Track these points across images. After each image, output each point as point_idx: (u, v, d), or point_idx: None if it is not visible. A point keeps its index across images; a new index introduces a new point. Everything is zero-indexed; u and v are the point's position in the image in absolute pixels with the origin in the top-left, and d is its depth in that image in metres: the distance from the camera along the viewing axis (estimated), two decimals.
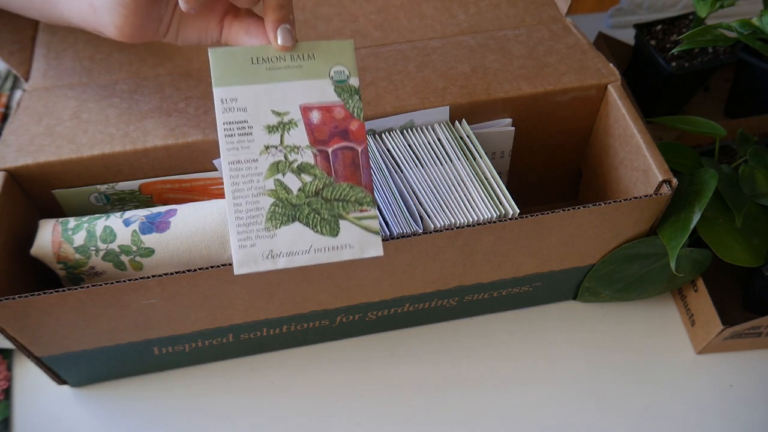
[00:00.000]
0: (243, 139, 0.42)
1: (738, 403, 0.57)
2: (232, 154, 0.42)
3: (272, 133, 0.43)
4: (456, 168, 0.51)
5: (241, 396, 0.57)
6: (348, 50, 0.44)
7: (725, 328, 0.55)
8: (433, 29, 0.60)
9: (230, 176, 0.42)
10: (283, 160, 0.43)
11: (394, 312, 0.57)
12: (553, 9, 0.62)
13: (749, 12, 0.80)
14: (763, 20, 0.53)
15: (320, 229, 0.43)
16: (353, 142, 0.44)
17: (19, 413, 0.56)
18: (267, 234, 0.42)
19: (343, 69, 0.44)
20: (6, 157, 0.50)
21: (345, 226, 0.43)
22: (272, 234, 0.42)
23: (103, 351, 0.52)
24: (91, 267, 0.49)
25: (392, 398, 0.57)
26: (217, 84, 0.42)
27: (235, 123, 0.42)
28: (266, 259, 0.42)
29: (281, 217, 0.42)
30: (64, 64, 0.57)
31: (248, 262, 0.42)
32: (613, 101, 0.55)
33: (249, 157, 0.42)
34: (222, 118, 0.42)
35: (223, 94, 0.42)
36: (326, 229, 0.43)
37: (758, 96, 0.71)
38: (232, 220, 0.42)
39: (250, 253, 0.42)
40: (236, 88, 0.43)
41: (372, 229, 0.43)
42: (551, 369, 0.59)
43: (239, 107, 0.43)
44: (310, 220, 0.43)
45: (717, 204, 0.54)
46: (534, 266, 0.55)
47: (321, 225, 0.43)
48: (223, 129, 0.42)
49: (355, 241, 0.43)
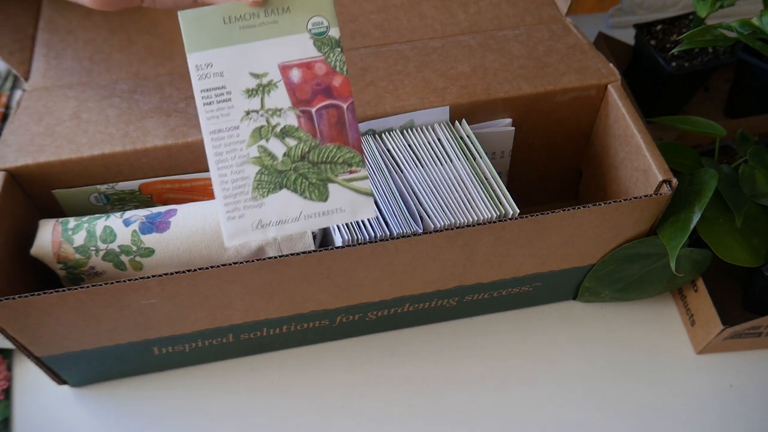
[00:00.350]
0: (222, 106, 0.41)
1: (738, 403, 0.57)
2: (213, 123, 0.41)
3: (252, 96, 0.41)
4: (456, 168, 0.51)
5: (241, 396, 0.57)
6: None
7: (725, 328, 0.55)
8: (433, 29, 0.60)
9: (212, 146, 0.41)
10: (265, 125, 0.41)
11: (394, 312, 0.57)
12: (553, 9, 0.62)
13: (749, 12, 0.80)
14: (763, 20, 0.53)
15: (309, 195, 0.42)
16: (337, 99, 0.42)
17: (19, 413, 0.56)
18: (255, 203, 0.41)
19: (321, 20, 0.42)
20: (6, 157, 0.50)
21: (334, 190, 0.42)
22: (260, 203, 0.41)
23: (103, 351, 0.52)
24: (91, 267, 0.49)
25: (392, 398, 0.57)
26: (191, 49, 0.40)
27: (213, 90, 0.41)
28: (256, 229, 0.41)
29: (268, 185, 0.41)
30: (64, 64, 0.57)
31: (238, 233, 0.41)
32: (613, 101, 0.55)
33: (230, 125, 0.41)
34: (198, 85, 0.40)
35: (198, 60, 0.40)
36: (315, 194, 0.42)
37: (758, 96, 0.71)
38: (218, 192, 0.40)
39: (240, 224, 0.41)
40: (210, 51, 0.40)
41: (363, 191, 0.42)
42: (551, 369, 0.59)
43: (215, 72, 0.41)
44: (297, 185, 0.41)
45: (717, 204, 0.54)
46: (534, 266, 0.55)
47: (309, 190, 0.42)
48: (201, 97, 0.40)
49: (346, 204, 0.42)
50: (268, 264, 0.46)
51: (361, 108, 0.53)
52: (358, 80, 0.55)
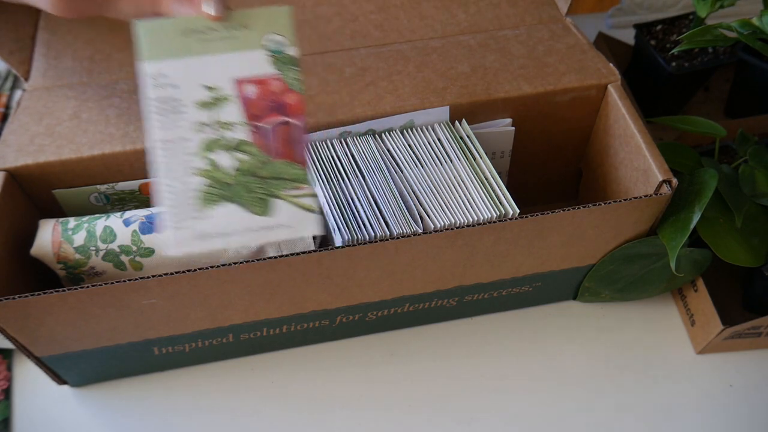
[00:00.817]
0: (176, 117, 0.41)
1: (738, 403, 0.57)
2: (163, 133, 0.41)
3: (205, 109, 0.41)
4: (456, 168, 0.51)
5: (241, 396, 0.57)
6: (284, 17, 0.42)
7: (725, 328, 0.55)
8: (433, 29, 0.60)
9: (161, 155, 0.40)
10: (216, 138, 0.41)
11: (394, 312, 0.57)
12: (553, 9, 0.62)
13: (749, 12, 0.80)
14: (763, 20, 0.53)
15: (255, 210, 0.42)
16: (290, 116, 0.42)
17: (19, 413, 0.56)
18: (200, 215, 0.41)
19: (279, 38, 0.42)
20: (6, 157, 0.50)
21: (280, 206, 0.42)
22: (205, 215, 0.41)
23: (103, 351, 0.52)
24: (91, 267, 0.49)
25: (392, 398, 0.57)
26: (146, 58, 0.40)
27: (166, 100, 0.41)
28: (202, 241, 0.41)
29: (215, 198, 0.41)
30: (64, 64, 0.57)
31: (183, 242, 0.41)
32: (613, 101, 0.55)
33: (181, 135, 0.41)
34: (151, 94, 0.40)
35: (152, 70, 0.40)
36: (261, 209, 0.42)
37: (758, 96, 0.71)
38: (165, 201, 0.40)
39: (185, 235, 0.41)
40: (166, 62, 0.40)
41: (307, 207, 0.42)
42: (551, 369, 0.59)
43: (170, 83, 0.41)
44: (244, 200, 0.42)
45: (717, 204, 0.54)
46: (534, 266, 0.55)
47: (255, 205, 0.42)
48: (153, 106, 0.40)
49: (290, 220, 0.42)
50: (268, 264, 0.46)
51: (361, 108, 0.53)
52: (358, 80, 0.55)
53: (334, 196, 0.49)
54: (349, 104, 0.54)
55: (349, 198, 0.50)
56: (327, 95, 0.54)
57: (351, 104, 0.54)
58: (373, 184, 0.50)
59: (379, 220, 0.48)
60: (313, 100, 0.54)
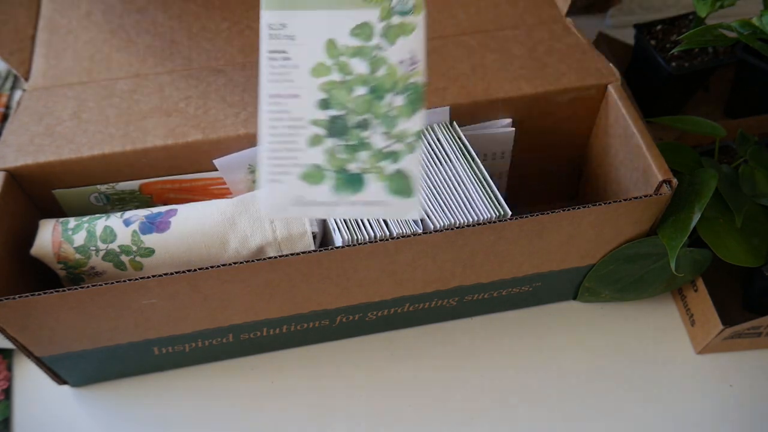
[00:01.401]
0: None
1: (738, 403, 0.57)
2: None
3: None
4: (455, 168, 0.51)
5: (241, 396, 0.57)
6: None
7: (725, 328, 0.55)
8: (433, 29, 0.60)
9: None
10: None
11: (394, 312, 0.57)
12: (553, 9, 0.62)
13: (749, 12, 0.79)
14: (763, 20, 0.53)
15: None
16: None
17: (19, 413, 0.56)
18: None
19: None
20: (6, 157, 0.50)
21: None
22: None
23: (103, 351, 0.52)
24: (91, 267, 0.49)
25: (392, 398, 0.57)
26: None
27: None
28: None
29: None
30: (64, 64, 0.57)
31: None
32: (613, 101, 0.55)
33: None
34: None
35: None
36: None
37: (758, 96, 0.71)
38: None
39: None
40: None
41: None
42: (551, 369, 0.59)
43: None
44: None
45: (717, 204, 0.54)
46: (534, 266, 0.55)
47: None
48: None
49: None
50: (268, 264, 0.46)
51: None
52: None
53: None
54: None
55: None
56: None
57: None
58: None
59: (379, 221, 0.48)
60: None
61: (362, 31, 0.39)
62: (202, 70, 0.56)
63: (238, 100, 0.54)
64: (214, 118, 0.52)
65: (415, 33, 0.39)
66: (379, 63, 0.39)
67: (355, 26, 0.39)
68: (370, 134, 0.39)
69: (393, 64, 0.39)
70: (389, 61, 0.39)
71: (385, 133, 0.39)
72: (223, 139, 0.52)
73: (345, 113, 0.39)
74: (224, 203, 0.50)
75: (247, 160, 0.52)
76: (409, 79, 0.39)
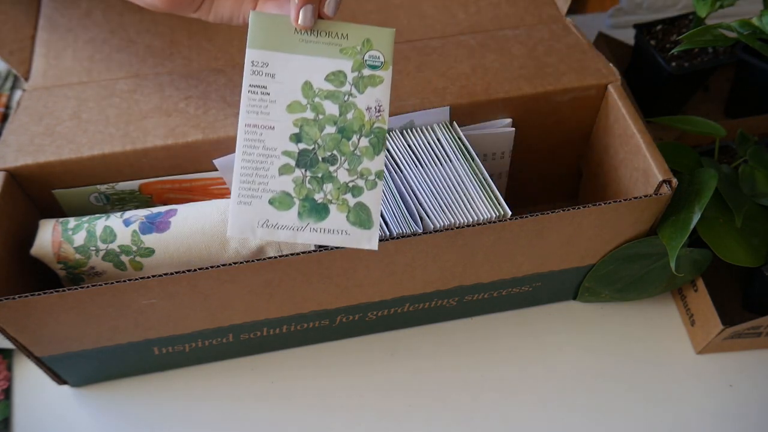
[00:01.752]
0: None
1: (738, 403, 0.57)
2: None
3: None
4: (455, 168, 0.51)
5: (241, 396, 0.57)
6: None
7: (725, 328, 0.55)
8: (433, 29, 0.60)
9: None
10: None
11: (394, 312, 0.57)
12: (553, 9, 0.62)
13: (749, 12, 0.79)
14: (763, 20, 0.53)
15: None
16: None
17: (19, 413, 0.56)
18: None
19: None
20: (6, 157, 0.50)
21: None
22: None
23: (103, 351, 0.52)
24: (91, 267, 0.49)
25: (392, 398, 0.57)
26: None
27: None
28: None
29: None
30: (64, 63, 0.57)
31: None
32: (613, 101, 0.55)
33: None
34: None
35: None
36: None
37: (758, 96, 0.71)
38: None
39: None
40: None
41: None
42: (551, 369, 0.59)
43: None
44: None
45: (717, 204, 0.54)
46: (534, 266, 0.55)
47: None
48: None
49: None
50: (268, 264, 0.46)
51: None
52: None
53: None
54: None
55: None
56: None
57: None
58: None
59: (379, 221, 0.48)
60: None
61: (336, 77, 0.43)
62: (202, 70, 0.56)
63: (238, 100, 0.53)
64: (214, 118, 0.52)
65: (383, 85, 0.44)
66: (348, 107, 0.44)
67: (329, 73, 0.43)
68: (336, 169, 0.43)
69: (361, 109, 0.44)
70: (358, 106, 0.44)
71: (350, 170, 0.43)
72: (223, 139, 0.52)
73: (314, 148, 0.43)
74: (224, 203, 0.50)
75: None
76: (374, 124, 0.44)
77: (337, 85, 0.43)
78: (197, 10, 0.46)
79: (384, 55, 0.44)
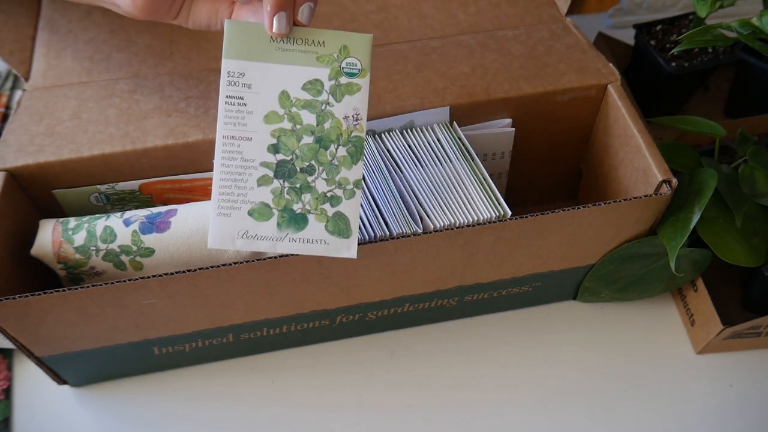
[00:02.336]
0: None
1: (738, 403, 0.57)
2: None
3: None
4: (455, 168, 0.51)
5: (241, 396, 0.57)
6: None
7: (725, 328, 0.55)
8: (433, 29, 0.60)
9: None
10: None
11: (394, 312, 0.57)
12: (553, 9, 0.62)
13: (749, 12, 0.79)
14: (763, 20, 0.53)
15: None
16: None
17: (19, 413, 0.56)
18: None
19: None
20: (6, 157, 0.50)
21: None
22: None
23: (103, 351, 0.52)
24: (91, 267, 0.49)
25: (392, 398, 0.57)
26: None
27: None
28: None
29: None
30: (64, 64, 0.57)
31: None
32: (613, 101, 0.55)
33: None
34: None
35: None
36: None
37: (758, 96, 0.71)
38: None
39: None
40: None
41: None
42: (551, 369, 0.59)
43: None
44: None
45: (717, 204, 0.54)
46: (534, 266, 0.55)
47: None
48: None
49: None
50: (268, 264, 0.46)
51: None
52: None
53: None
54: None
55: None
56: None
57: None
58: (373, 184, 0.50)
59: (379, 221, 0.48)
60: None
61: (313, 86, 0.43)
62: (202, 70, 0.56)
63: None
64: (214, 118, 0.52)
65: (360, 93, 0.44)
66: (326, 116, 0.43)
67: (306, 82, 0.43)
68: (315, 179, 0.43)
69: (339, 118, 0.43)
70: (335, 115, 0.43)
71: (328, 180, 0.43)
72: None
73: (292, 158, 0.43)
74: None
75: None
76: (351, 132, 0.44)
77: (315, 94, 0.43)
78: (176, 17, 0.46)
79: (361, 62, 0.43)
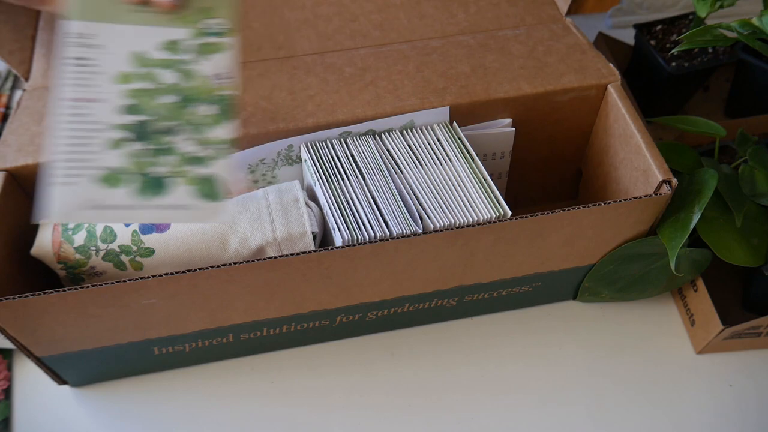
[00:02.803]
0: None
1: (738, 403, 0.57)
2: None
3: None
4: (455, 168, 0.51)
5: (241, 396, 0.57)
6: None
7: (725, 328, 0.55)
8: (433, 29, 0.60)
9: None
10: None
11: (394, 312, 0.57)
12: (553, 9, 0.62)
13: (749, 12, 0.80)
14: (762, 20, 0.53)
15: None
16: None
17: (19, 413, 0.56)
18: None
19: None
20: (6, 157, 0.50)
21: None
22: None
23: (103, 351, 0.52)
24: (91, 267, 0.49)
25: (392, 398, 0.57)
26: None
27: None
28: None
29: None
30: None
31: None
32: (613, 101, 0.55)
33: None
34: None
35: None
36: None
37: (758, 96, 0.71)
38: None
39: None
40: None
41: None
42: (551, 369, 0.59)
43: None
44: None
45: (717, 204, 0.54)
46: (534, 266, 0.55)
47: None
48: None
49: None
50: (268, 264, 0.46)
51: (361, 108, 0.53)
52: (358, 80, 0.55)
53: (334, 197, 0.49)
54: (349, 104, 0.54)
55: (348, 198, 0.50)
56: (327, 95, 0.54)
57: (351, 104, 0.54)
58: (373, 184, 0.50)
59: (379, 221, 0.48)
60: (312, 100, 0.54)
61: (173, 45, 0.41)
62: None
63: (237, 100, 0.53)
64: None
65: (228, 52, 0.42)
66: (189, 74, 0.42)
67: (166, 42, 0.41)
68: (177, 140, 0.41)
69: (204, 76, 0.42)
70: (201, 73, 0.42)
71: (193, 139, 0.41)
72: None
73: (151, 119, 0.41)
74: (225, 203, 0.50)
75: (247, 160, 0.52)
76: (220, 90, 0.42)
77: (175, 53, 0.41)
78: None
79: (228, 21, 0.42)
